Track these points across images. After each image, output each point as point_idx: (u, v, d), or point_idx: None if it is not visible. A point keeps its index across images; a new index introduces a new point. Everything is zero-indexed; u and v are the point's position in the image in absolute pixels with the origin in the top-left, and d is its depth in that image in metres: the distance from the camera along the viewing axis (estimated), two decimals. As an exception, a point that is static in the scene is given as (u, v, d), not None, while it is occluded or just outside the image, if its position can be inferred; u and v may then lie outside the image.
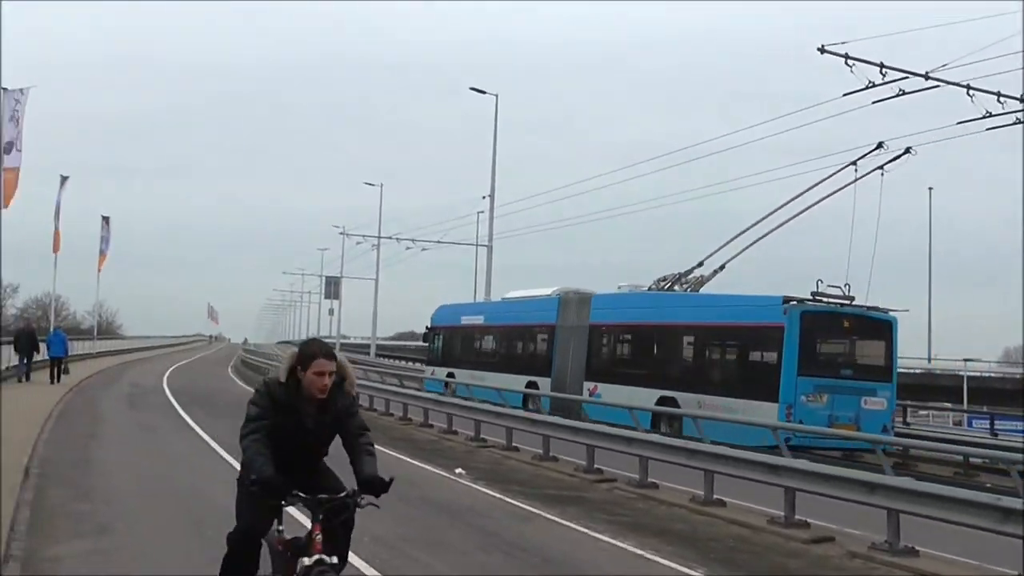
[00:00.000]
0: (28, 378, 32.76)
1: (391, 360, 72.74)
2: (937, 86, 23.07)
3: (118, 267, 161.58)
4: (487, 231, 48.74)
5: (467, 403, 22.38)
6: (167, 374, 44.83)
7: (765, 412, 21.00)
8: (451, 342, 36.29)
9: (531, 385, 29.59)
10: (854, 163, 24.72)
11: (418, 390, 29.62)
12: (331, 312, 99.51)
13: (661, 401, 23.99)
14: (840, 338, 22.94)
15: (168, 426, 21.86)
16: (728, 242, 26.98)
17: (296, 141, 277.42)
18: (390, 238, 68.29)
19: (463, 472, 16.29)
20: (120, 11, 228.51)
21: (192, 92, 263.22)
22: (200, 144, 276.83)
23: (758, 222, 26.31)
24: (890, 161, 24.26)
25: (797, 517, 12.36)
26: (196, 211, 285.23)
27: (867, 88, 23.10)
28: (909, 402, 30.01)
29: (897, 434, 22.74)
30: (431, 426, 24.01)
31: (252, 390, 5.74)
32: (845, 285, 22.96)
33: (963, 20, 48.89)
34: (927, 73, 23.00)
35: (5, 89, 30.37)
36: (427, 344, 39.66)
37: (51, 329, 43.00)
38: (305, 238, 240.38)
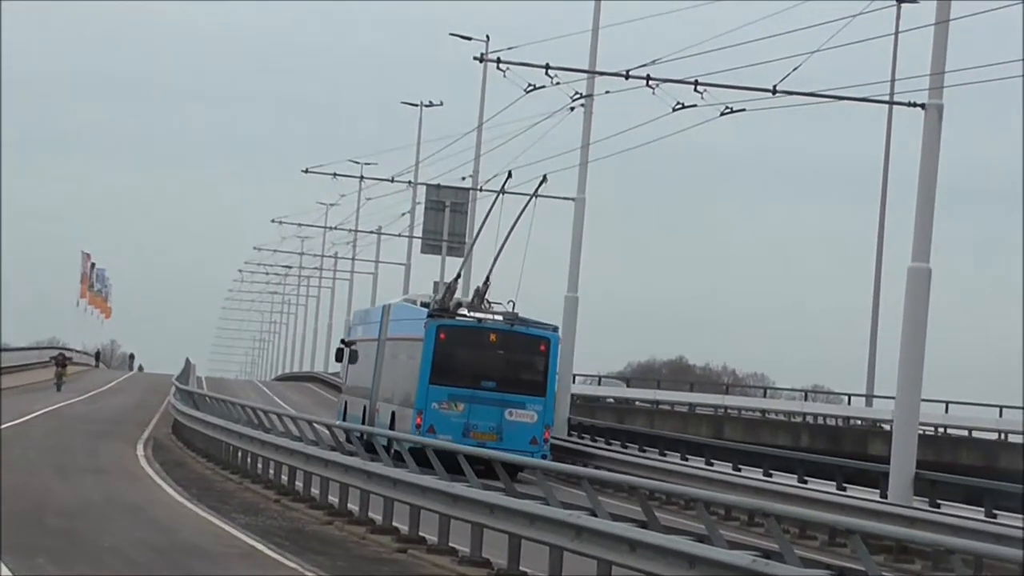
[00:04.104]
0: None
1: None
2: None
3: None
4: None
5: None
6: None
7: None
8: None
9: None
10: (502, 190, 27.73)
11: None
12: (444, 292, 29.89)
13: None
14: (484, 351, 24.87)
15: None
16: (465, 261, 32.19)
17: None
18: (622, 75, 26.88)
19: None
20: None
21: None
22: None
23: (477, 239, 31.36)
24: (538, 188, 26.81)
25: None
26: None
27: None
28: None
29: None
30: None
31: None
32: (509, 302, 24.83)
33: None
34: None
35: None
36: None
37: None
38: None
